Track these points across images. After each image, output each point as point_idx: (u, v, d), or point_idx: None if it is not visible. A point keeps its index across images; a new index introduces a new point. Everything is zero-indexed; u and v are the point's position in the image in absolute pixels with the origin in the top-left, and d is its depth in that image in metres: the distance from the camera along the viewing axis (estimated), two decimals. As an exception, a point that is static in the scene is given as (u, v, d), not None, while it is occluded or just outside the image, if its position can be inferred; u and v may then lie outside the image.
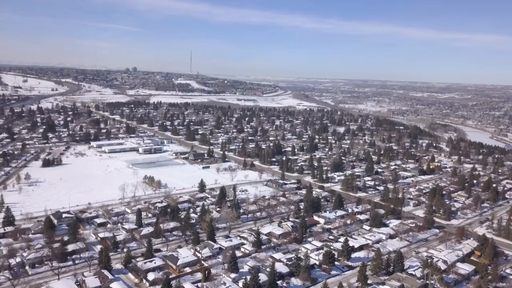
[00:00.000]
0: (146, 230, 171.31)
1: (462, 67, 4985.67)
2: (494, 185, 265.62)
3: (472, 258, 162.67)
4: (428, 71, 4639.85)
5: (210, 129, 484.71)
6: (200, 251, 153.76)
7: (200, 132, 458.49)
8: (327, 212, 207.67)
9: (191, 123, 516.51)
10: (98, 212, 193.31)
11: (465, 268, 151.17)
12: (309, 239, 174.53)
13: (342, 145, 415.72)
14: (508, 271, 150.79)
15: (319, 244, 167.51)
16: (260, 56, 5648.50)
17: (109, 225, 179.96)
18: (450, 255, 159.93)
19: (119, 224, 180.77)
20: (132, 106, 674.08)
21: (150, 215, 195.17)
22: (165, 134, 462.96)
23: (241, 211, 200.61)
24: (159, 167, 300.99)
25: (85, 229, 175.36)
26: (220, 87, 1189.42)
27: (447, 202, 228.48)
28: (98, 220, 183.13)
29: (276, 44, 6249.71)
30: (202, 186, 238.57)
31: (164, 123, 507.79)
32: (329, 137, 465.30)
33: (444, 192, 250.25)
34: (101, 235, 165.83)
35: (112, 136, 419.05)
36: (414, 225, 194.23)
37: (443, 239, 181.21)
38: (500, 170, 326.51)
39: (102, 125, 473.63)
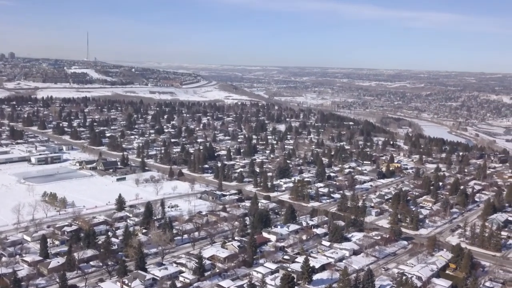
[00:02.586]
0: (55, 262, 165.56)
1: (413, 51, 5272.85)
2: (462, 187, 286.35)
3: (447, 271, 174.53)
4: (375, 56, 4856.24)
5: (121, 130, 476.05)
6: (129, 284, 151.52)
7: (108, 135, 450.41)
8: (278, 227, 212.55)
9: (95, 124, 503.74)
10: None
11: (442, 284, 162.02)
12: (261, 261, 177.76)
13: (285, 146, 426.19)
14: (487, 284, 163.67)
15: (273, 266, 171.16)
16: (174, 39, 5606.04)
17: (4, 258, 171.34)
18: (424, 270, 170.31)
19: (17, 256, 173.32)
20: (14, 103, 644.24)
21: (57, 242, 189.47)
22: (63, 138, 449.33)
23: (174, 231, 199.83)
24: (61, 180, 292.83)
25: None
26: (127, 77, 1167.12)
27: (413, 209, 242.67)
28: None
29: (193, 23, 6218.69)
30: (120, 203, 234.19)
31: (61, 124, 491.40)
32: (268, 137, 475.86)
33: (408, 198, 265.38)
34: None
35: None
36: (379, 237, 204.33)
37: (414, 252, 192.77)
38: (466, 170, 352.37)
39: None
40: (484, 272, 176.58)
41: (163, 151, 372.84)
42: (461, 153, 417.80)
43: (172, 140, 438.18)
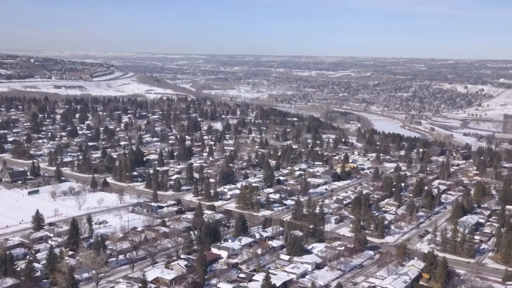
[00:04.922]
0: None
1: (356, 35, 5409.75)
2: (426, 187, 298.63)
3: (421, 282, 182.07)
4: (314, 41, 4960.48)
5: (26, 133, 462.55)
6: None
7: (11, 139, 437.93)
8: (229, 241, 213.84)
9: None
10: None
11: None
12: (213, 281, 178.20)
13: (225, 147, 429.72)
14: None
15: (228, 286, 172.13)
16: (77, 22, 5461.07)
17: None
18: (396, 282, 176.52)
19: None
20: None
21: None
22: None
23: (108, 252, 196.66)
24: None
25: None
26: (25, 69, 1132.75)
27: (377, 214, 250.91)
28: None
29: (102, 4, 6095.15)
30: (38, 221, 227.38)
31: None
32: (204, 137, 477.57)
33: (370, 202, 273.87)
34: None
35: None
36: (343, 248, 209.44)
37: (382, 263, 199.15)
38: (428, 168, 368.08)
39: None
40: (461, 281, 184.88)
41: (80, 157, 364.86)
42: (420, 150, 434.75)
43: (90, 143, 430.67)
